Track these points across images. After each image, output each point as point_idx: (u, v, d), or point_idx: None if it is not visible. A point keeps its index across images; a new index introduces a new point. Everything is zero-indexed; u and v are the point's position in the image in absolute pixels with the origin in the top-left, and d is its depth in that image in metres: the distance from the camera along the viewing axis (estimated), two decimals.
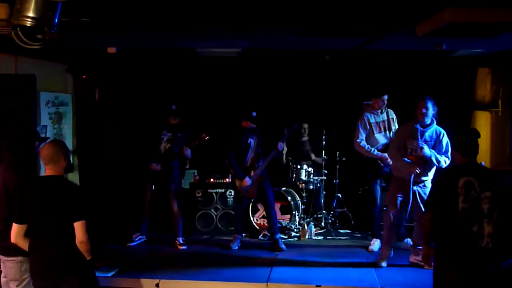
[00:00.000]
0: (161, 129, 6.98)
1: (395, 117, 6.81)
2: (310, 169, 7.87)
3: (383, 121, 6.71)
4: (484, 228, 3.66)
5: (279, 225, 7.11)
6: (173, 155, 6.89)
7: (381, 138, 6.68)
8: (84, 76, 7.57)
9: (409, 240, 6.67)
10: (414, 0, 4.14)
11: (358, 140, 6.66)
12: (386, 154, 6.45)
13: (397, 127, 6.71)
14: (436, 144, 5.75)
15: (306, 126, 8.32)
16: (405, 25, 4.93)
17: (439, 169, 5.60)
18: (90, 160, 7.57)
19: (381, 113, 6.73)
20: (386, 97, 6.66)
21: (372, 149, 6.61)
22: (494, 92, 7.82)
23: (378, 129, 6.69)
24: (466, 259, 3.71)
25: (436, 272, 3.87)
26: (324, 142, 7.89)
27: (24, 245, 3.71)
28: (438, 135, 5.77)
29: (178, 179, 7.06)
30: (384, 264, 5.96)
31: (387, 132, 6.69)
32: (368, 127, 6.68)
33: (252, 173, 6.78)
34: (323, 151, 7.90)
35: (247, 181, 6.73)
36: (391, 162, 6.32)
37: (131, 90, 8.21)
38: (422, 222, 4.49)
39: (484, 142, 7.95)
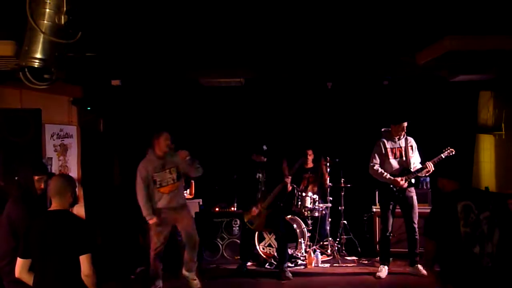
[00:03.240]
0: None
1: (414, 145, 6.83)
2: (315, 196, 7.85)
3: (400, 147, 6.75)
4: (485, 249, 3.67)
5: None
6: None
7: (395, 164, 6.73)
8: (88, 108, 7.61)
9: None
10: (415, 29, 4.20)
11: (372, 164, 6.76)
12: (399, 178, 6.55)
13: (416, 154, 6.78)
14: None
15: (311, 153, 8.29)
16: (405, 53, 5.00)
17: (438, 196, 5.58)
18: (95, 192, 7.56)
19: (399, 139, 6.77)
20: (405, 124, 6.71)
21: (385, 173, 6.65)
22: (497, 115, 7.84)
23: (393, 155, 6.74)
24: (470, 280, 3.69)
25: None
26: (328, 169, 7.89)
27: (28, 280, 3.66)
28: None
29: None
30: None
31: (403, 158, 6.73)
32: (383, 152, 6.74)
33: (259, 205, 6.80)
34: (328, 178, 7.89)
35: (255, 210, 6.75)
36: (405, 186, 6.54)
37: (136, 121, 8.25)
38: None
39: (489, 165, 7.94)
